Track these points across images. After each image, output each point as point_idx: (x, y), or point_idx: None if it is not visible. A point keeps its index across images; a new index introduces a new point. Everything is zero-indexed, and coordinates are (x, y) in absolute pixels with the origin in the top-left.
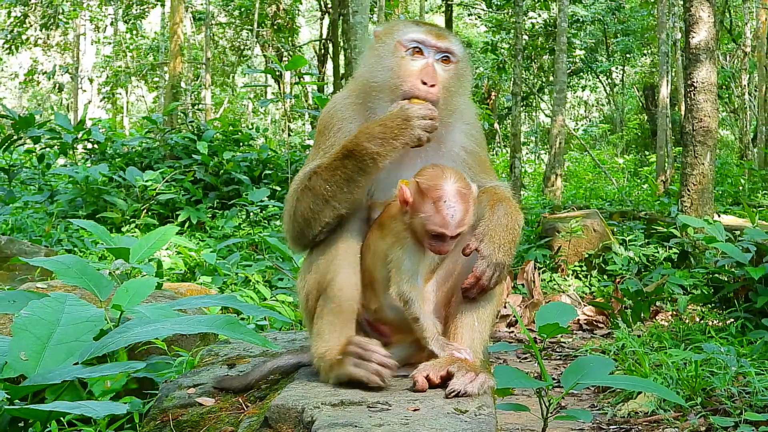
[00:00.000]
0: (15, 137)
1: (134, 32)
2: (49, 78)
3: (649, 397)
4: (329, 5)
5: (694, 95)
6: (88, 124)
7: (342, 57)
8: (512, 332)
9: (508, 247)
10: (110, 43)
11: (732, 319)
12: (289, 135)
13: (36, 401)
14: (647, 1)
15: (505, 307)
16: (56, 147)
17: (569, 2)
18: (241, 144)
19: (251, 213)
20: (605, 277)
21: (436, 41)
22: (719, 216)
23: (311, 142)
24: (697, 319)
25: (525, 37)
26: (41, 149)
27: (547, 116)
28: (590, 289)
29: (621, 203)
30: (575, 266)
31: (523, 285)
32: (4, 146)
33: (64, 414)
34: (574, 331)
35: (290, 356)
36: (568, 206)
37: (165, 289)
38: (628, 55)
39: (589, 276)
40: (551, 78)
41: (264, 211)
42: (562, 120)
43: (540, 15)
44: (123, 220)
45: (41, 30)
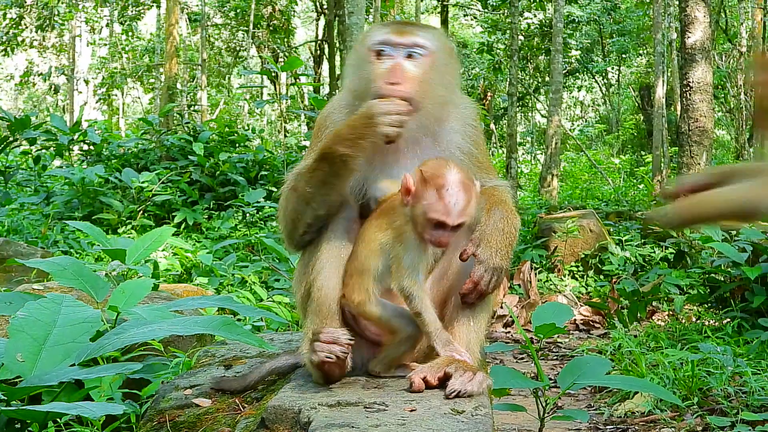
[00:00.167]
0: (11, 139)
1: (130, 33)
2: (45, 79)
3: (646, 397)
4: (325, 6)
5: (690, 95)
6: (84, 126)
7: (338, 58)
8: (509, 332)
9: (505, 251)
10: (106, 45)
11: (728, 319)
12: (285, 136)
13: (33, 402)
14: (643, 2)
15: (502, 308)
16: (52, 148)
17: (565, 2)
18: (237, 145)
19: (247, 214)
20: (602, 277)
21: (400, 38)
22: None
23: (307, 143)
24: (694, 319)
25: (521, 38)
26: (37, 151)
27: (543, 116)
28: (587, 289)
29: (617, 203)
30: (572, 266)
31: (520, 285)
32: (0, 148)
33: (61, 415)
34: (571, 331)
35: (289, 357)
36: (565, 206)
37: (161, 291)
38: (624, 56)
39: (586, 276)
40: (547, 78)
41: (260, 212)
42: (558, 120)
43: (536, 15)
44: (119, 222)
45: (37, 31)
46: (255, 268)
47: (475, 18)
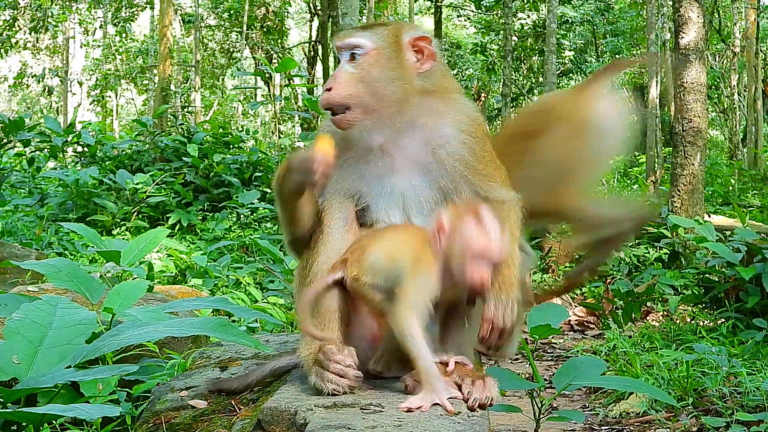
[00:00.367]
0: (5, 140)
1: (123, 35)
2: (39, 81)
3: (641, 398)
4: (318, 7)
5: (684, 96)
6: (78, 127)
7: (332, 59)
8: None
9: (510, 281)
10: (99, 46)
11: (723, 320)
12: (279, 137)
13: (28, 404)
14: (636, 2)
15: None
16: (46, 150)
17: (558, 3)
18: (231, 146)
19: (242, 215)
20: (596, 278)
21: (341, 42)
22: (709, 216)
23: (301, 144)
24: (688, 320)
25: (514, 39)
26: (31, 152)
27: None
28: (581, 290)
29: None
30: (566, 267)
31: None
32: None
33: (57, 417)
34: (565, 332)
35: (291, 357)
36: None
37: (156, 292)
38: (618, 56)
39: None
40: (541, 79)
41: (254, 214)
42: None
43: (529, 16)
44: (113, 223)
45: (30, 33)
46: (249, 270)
47: (469, 19)
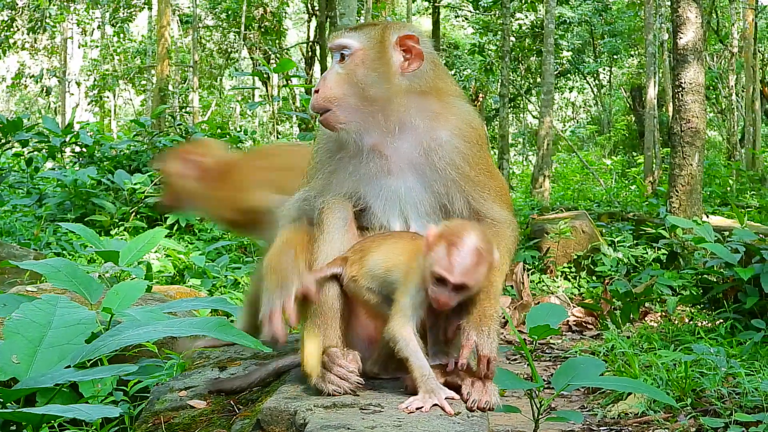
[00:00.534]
0: (3, 141)
1: (121, 35)
2: (37, 81)
3: (639, 398)
4: (316, 8)
5: (682, 96)
6: (76, 128)
7: (329, 59)
8: (502, 333)
9: (491, 313)
10: (97, 47)
11: (721, 320)
12: (278, 137)
13: (28, 404)
14: (634, 2)
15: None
16: (44, 150)
17: (556, 4)
18: (230, 146)
19: None
20: (594, 278)
21: (331, 43)
22: (707, 217)
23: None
24: (687, 320)
25: (512, 39)
26: (29, 153)
27: (535, 117)
28: (579, 291)
29: (609, 204)
30: (564, 267)
31: (512, 286)
32: None
33: (56, 417)
34: (564, 333)
35: (295, 356)
36: (557, 207)
37: (154, 292)
38: (616, 56)
39: (578, 277)
40: (539, 79)
41: None
42: (550, 121)
43: (527, 16)
44: (112, 223)
45: (28, 34)
46: (248, 270)
47: (467, 19)
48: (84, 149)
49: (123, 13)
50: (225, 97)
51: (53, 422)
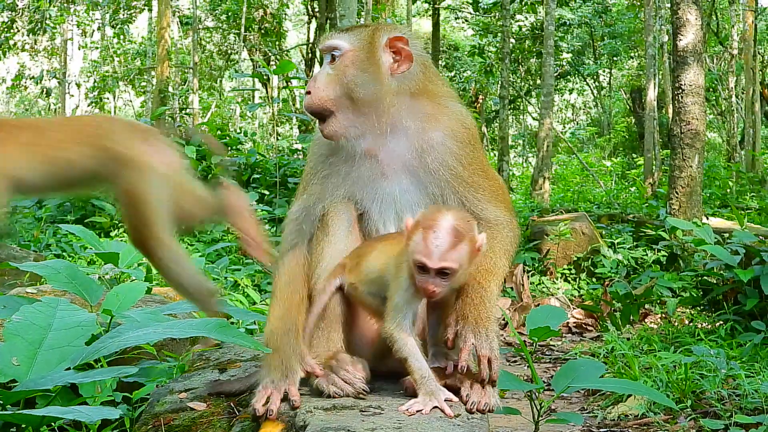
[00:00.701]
0: None
1: (121, 37)
2: (37, 83)
3: (639, 400)
4: (316, 9)
5: (682, 98)
6: None
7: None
8: (502, 335)
9: (487, 314)
10: (97, 48)
11: (721, 322)
12: (277, 139)
13: (28, 406)
14: (634, 4)
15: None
16: None
17: (556, 5)
18: (230, 148)
19: None
20: (594, 280)
21: (322, 44)
22: (707, 218)
23: (299, 146)
24: (687, 322)
25: (512, 41)
26: None
27: (535, 119)
28: (579, 292)
29: (609, 206)
30: (564, 269)
31: (512, 288)
32: None
33: (56, 419)
34: (564, 334)
35: None
36: (557, 209)
37: (154, 294)
38: (615, 58)
39: (578, 279)
40: (538, 81)
41: None
42: (550, 123)
43: (527, 18)
44: (111, 225)
45: (28, 35)
46: (248, 272)
47: (467, 21)
48: None
49: (123, 15)
50: (225, 99)
51: (53, 424)
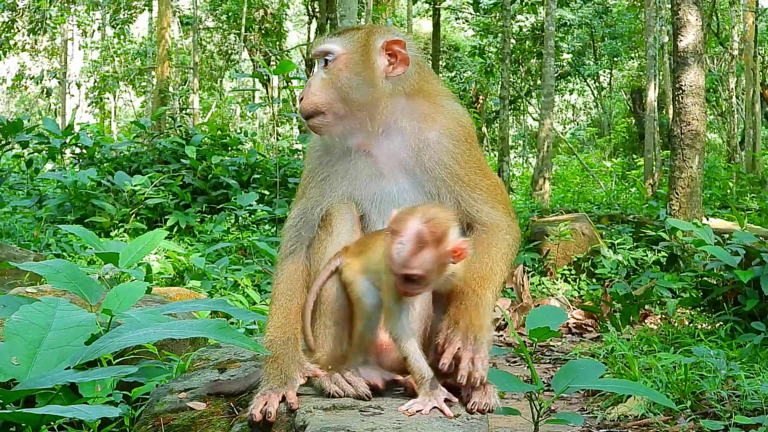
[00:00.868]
0: (3, 142)
1: (122, 37)
2: (37, 83)
3: (639, 401)
4: (317, 9)
5: (682, 98)
6: (77, 129)
7: None
8: (501, 336)
9: (479, 322)
10: (98, 48)
11: (721, 323)
12: (278, 139)
13: (27, 405)
14: (634, 5)
15: (495, 311)
16: (44, 152)
17: (556, 6)
18: (230, 148)
19: (240, 217)
20: (594, 281)
21: (315, 49)
22: (707, 219)
23: (299, 146)
24: (687, 323)
25: (512, 41)
26: (29, 154)
27: (535, 120)
28: (579, 293)
29: (609, 207)
30: (564, 270)
31: (512, 289)
32: None
33: (55, 418)
34: (564, 335)
35: None
36: (557, 210)
37: (154, 294)
38: (616, 59)
39: (578, 279)
40: (539, 81)
41: (253, 216)
42: (550, 123)
43: (527, 19)
44: (112, 225)
45: (29, 35)
46: (248, 272)
47: (467, 21)
48: (84, 151)
49: (123, 15)
50: (225, 99)
51: (53, 423)
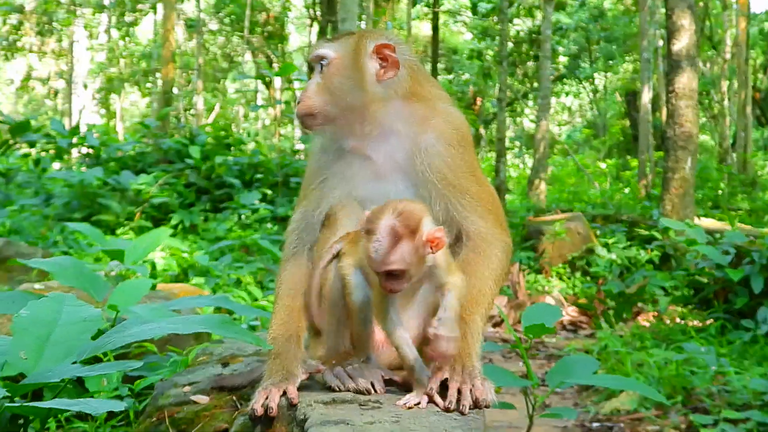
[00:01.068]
0: (11, 142)
1: (127, 39)
2: (44, 84)
3: (631, 396)
4: (318, 13)
5: (676, 101)
6: (83, 129)
7: None
8: (497, 332)
9: (467, 350)
10: (104, 50)
11: (712, 320)
12: (280, 140)
13: (35, 399)
14: (629, 9)
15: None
16: (52, 151)
17: (553, 10)
18: (233, 148)
19: (242, 216)
20: (588, 279)
21: (311, 55)
22: (699, 219)
23: (301, 147)
24: (678, 320)
25: (510, 44)
26: (37, 154)
27: (532, 121)
28: (573, 291)
29: (603, 207)
30: (559, 268)
31: (509, 286)
32: (1, 151)
33: (62, 411)
34: (558, 332)
35: None
36: (552, 209)
37: (159, 290)
38: (611, 62)
39: (573, 277)
40: (536, 84)
41: (255, 214)
42: (546, 125)
43: (524, 23)
44: (117, 223)
45: (36, 37)
46: (250, 269)
47: (466, 25)
48: (90, 150)
49: (129, 17)
50: (228, 100)
51: (60, 416)
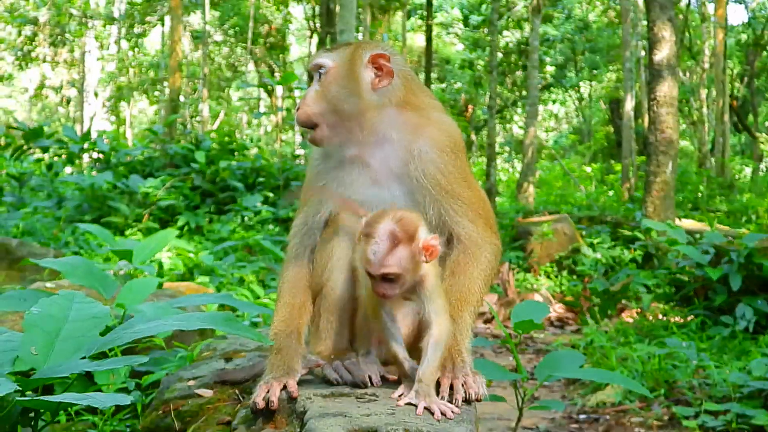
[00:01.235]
0: (25, 147)
1: (136, 50)
2: (57, 92)
3: (616, 389)
4: (318, 24)
5: (657, 108)
6: (94, 135)
7: None
8: (488, 328)
9: (458, 347)
10: (114, 60)
11: (692, 316)
12: (281, 145)
13: (46, 393)
14: (613, 21)
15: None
16: (64, 156)
17: (540, 22)
18: (236, 153)
19: (246, 218)
20: (574, 277)
21: (310, 64)
22: (680, 220)
23: (301, 152)
24: (660, 316)
25: (500, 55)
26: (50, 158)
27: (521, 128)
28: (561, 288)
29: (589, 208)
30: (547, 267)
31: (499, 284)
32: (16, 156)
33: (72, 405)
34: (546, 328)
35: None
36: (540, 211)
37: (165, 289)
38: (595, 72)
39: (560, 276)
40: (524, 92)
41: (257, 216)
42: (534, 131)
43: (513, 34)
44: (126, 225)
45: (50, 47)
46: (253, 268)
47: (458, 36)
48: (101, 155)
49: (138, 29)
50: (232, 108)
51: (69, 409)
